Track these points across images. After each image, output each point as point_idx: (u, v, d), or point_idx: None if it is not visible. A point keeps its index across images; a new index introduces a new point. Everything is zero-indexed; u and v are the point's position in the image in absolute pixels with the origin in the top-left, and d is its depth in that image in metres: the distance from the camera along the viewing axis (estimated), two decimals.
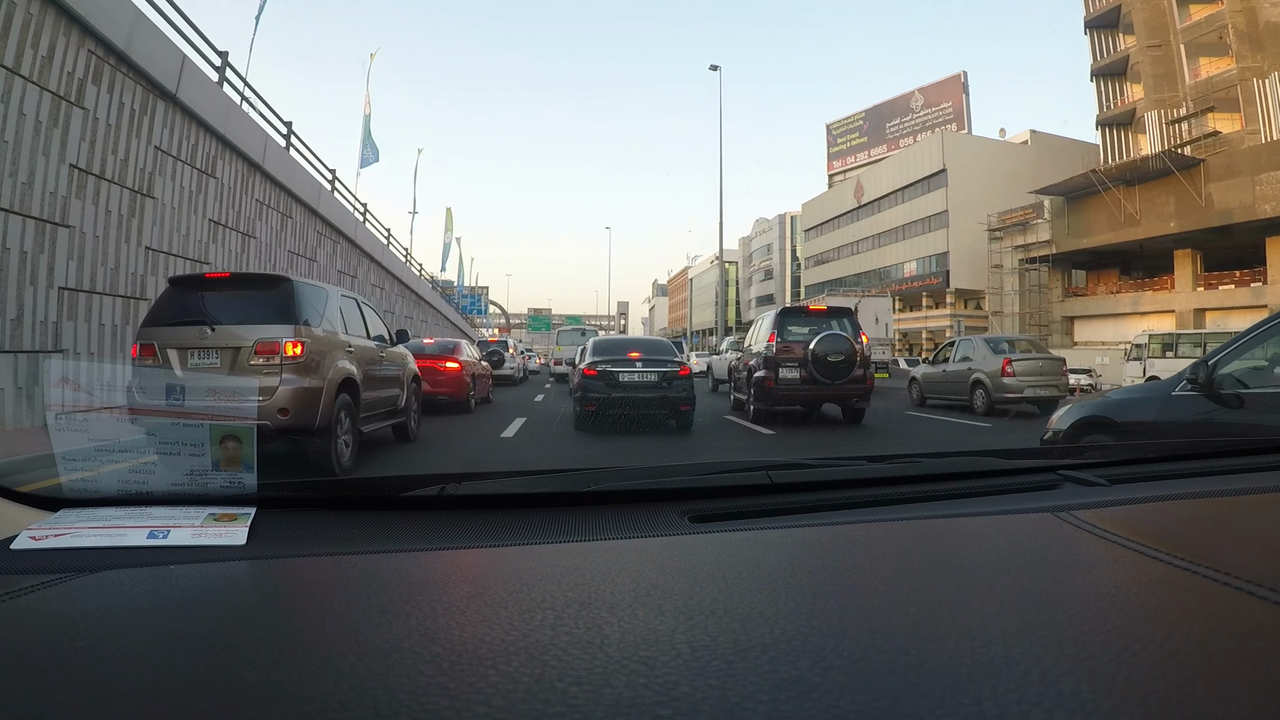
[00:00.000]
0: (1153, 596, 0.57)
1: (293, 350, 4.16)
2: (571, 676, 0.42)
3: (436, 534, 0.81)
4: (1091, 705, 0.38)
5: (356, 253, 16.80)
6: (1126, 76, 31.41)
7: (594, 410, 7.39)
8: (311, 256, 13.51)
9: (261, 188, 11.18)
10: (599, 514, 0.87)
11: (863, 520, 0.87)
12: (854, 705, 0.39)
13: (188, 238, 8.90)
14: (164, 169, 8.44)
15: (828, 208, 50.91)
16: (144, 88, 8.01)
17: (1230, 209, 23.24)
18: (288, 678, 0.43)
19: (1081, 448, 1.32)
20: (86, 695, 0.41)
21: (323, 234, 14.27)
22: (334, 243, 15.06)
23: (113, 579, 0.63)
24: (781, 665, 0.43)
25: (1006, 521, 0.85)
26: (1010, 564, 0.67)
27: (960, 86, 47.14)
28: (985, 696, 0.39)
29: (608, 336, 10.32)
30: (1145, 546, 0.67)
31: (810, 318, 8.71)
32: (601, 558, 0.71)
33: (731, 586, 0.60)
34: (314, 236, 13.72)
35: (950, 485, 1.02)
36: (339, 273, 15.40)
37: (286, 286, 4.40)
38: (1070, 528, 0.76)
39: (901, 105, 51.22)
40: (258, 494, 0.83)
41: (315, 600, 0.61)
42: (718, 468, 1.11)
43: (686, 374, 7.77)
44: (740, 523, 0.86)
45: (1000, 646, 0.46)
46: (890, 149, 49.61)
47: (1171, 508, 0.89)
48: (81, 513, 0.77)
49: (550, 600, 0.56)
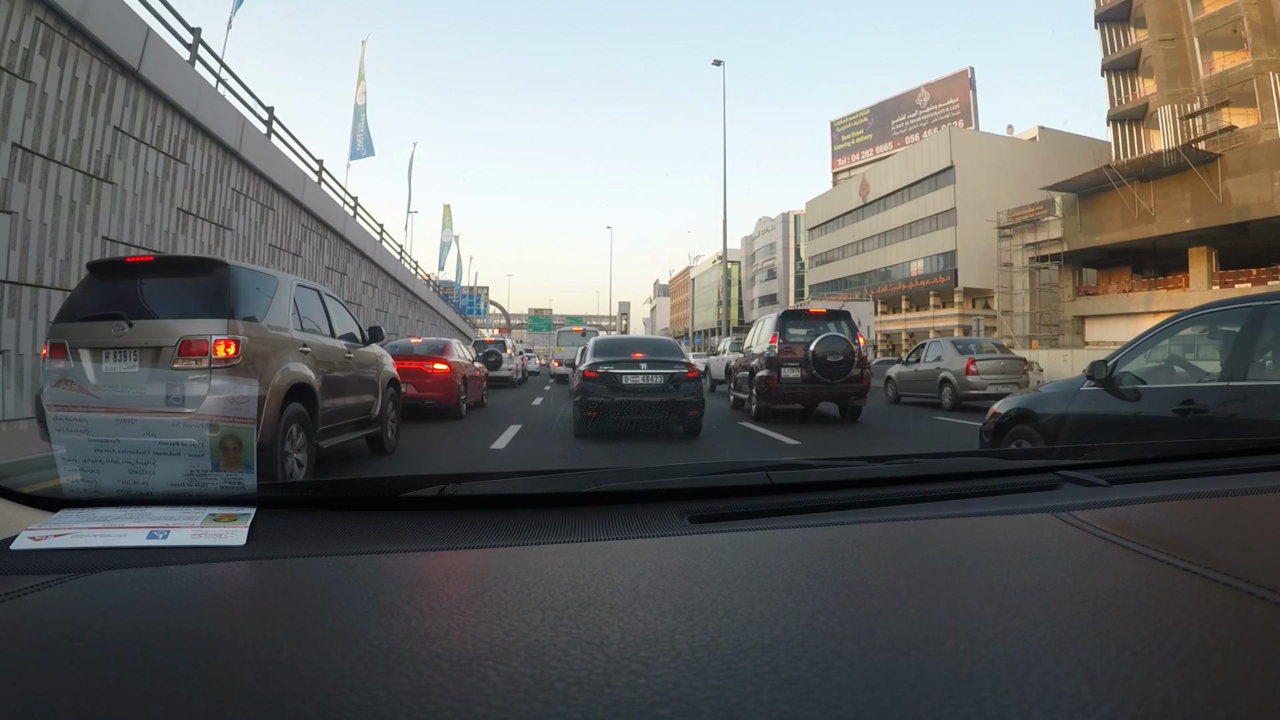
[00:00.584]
0: (1152, 597, 0.57)
1: (224, 350, 3.45)
2: (571, 677, 0.42)
3: (436, 534, 0.80)
4: (1091, 706, 0.38)
5: (346, 248, 16.10)
6: (1138, 71, 30.98)
7: (595, 416, 6.87)
8: (295, 251, 12.81)
9: (239, 176, 10.48)
10: (599, 514, 0.86)
11: (862, 521, 0.86)
12: (854, 706, 0.39)
13: (152, 228, 8.21)
14: (125, 151, 7.74)
15: (832, 206, 49.74)
16: (102, 62, 7.32)
17: (1248, 205, 22.68)
18: (287, 678, 0.43)
19: (1081, 448, 1.31)
20: (86, 695, 0.41)
21: (308, 228, 13.57)
22: (321, 237, 14.36)
23: (112, 579, 0.62)
24: (781, 666, 0.43)
25: (1006, 522, 0.85)
26: (1010, 564, 0.66)
27: (967, 82, 46.01)
28: (985, 697, 0.39)
29: (610, 336, 9.73)
30: (1145, 547, 0.67)
31: (810, 320, 9.22)
32: (601, 558, 0.70)
33: (731, 587, 0.59)
34: (298, 230, 13.02)
35: (950, 485, 1.01)
36: (326, 269, 14.71)
37: (221, 272, 3.68)
38: (1070, 528, 0.75)
39: (907, 102, 50.00)
40: (257, 494, 0.82)
41: (315, 600, 0.60)
42: (717, 468, 1.11)
43: (695, 376, 7.29)
44: (740, 523, 0.85)
45: (1000, 647, 0.46)
46: (896, 146, 48.56)
47: (1171, 508, 0.89)
48: (81, 513, 0.76)
49: (550, 600, 0.55)
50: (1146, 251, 28.04)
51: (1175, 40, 27.17)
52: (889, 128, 51.08)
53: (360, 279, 17.40)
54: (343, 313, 5.21)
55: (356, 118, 18.79)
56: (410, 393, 7.89)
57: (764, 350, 8.96)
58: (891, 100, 51.60)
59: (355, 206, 17.44)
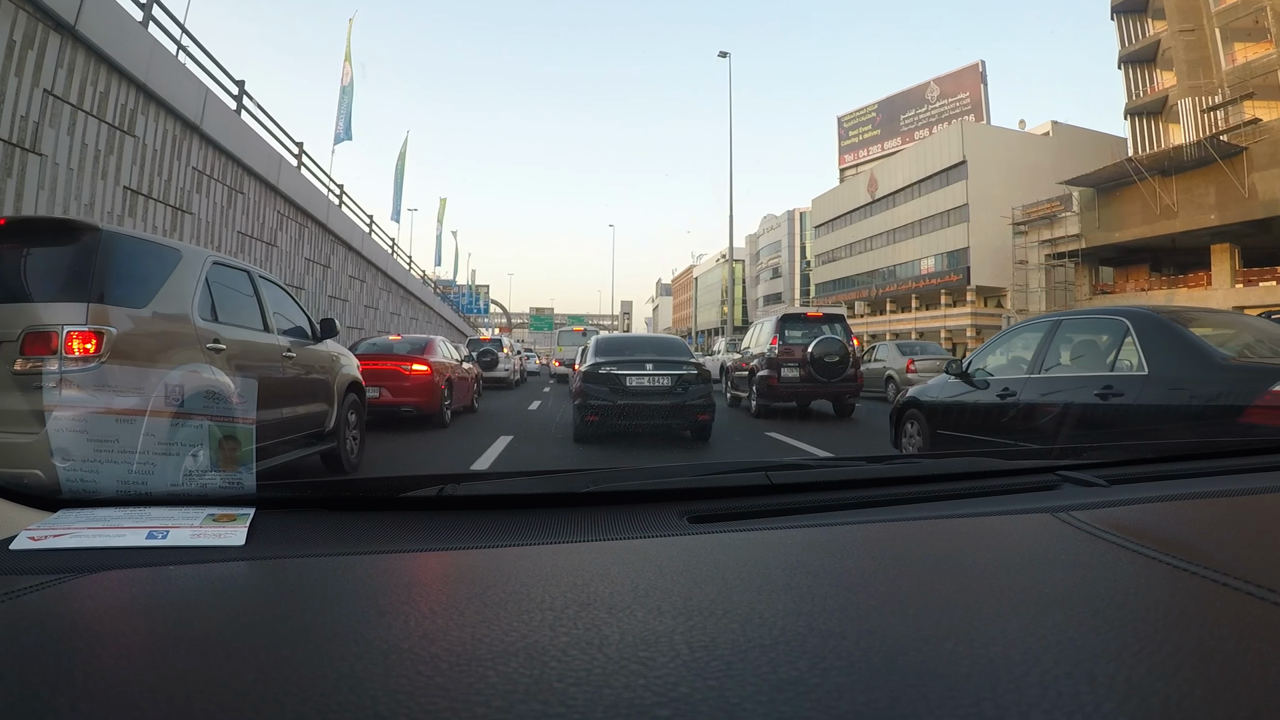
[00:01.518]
0: (1152, 597, 0.57)
1: (82, 345, 2.46)
2: (571, 677, 0.42)
3: (436, 534, 0.80)
4: (1091, 706, 0.38)
5: (330, 239, 15.08)
6: (1156, 63, 30.26)
7: (596, 421, 6.37)
8: (270, 240, 11.78)
9: (201, 154, 9.47)
10: (598, 514, 0.86)
11: (862, 521, 0.86)
12: (853, 706, 0.39)
13: (93, 207, 7.20)
14: (57, 119, 6.74)
15: (840, 203, 48.20)
16: (30, 15, 6.32)
17: (1276, 199, 21.82)
18: (287, 678, 0.42)
19: (1081, 448, 1.25)
20: (86, 695, 0.41)
21: (285, 215, 12.53)
22: (300, 226, 13.33)
23: (112, 579, 0.62)
24: (780, 666, 0.43)
25: (1005, 522, 0.85)
26: (1009, 565, 0.67)
27: (978, 76, 44.68)
28: (985, 697, 0.39)
29: (613, 335, 9.16)
30: (1144, 547, 0.67)
31: (808, 323, 9.74)
32: (600, 558, 0.70)
33: (730, 587, 0.59)
34: (273, 217, 12.00)
35: (949, 486, 1.01)
36: (307, 260, 13.70)
37: (88, 239, 2.65)
38: (1069, 528, 0.75)
39: (916, 96, 48.64)
40: (257, 494, 0.83)
41: (314, 601, 0.60)
42: (717, 468, 1.11)
43: (705, 377, 6.77)
44: (739, 523, 0.84)
45: (999, 647, 0.46)
46: (905, 142, 47.10)
47: (1170, 508, 0.88)
48: (81, 513, 0.76)
49: (549, 601, 0.55)
50: (1165, 249, 27.34)
51: (1195, 31, 26.40)
52: (898, 123, 49.63)
53: (346, 273, 16.38)
54: (285, 300, 4.21)
55: (342, 99, 17.77)
56: (385, 398, 6.90)
57: (764, 351, 9.48)
58: (900, 95, 50.15)
59: (341, 195, 16.42)
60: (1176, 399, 3.06)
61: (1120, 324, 3.48)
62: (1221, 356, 3.08)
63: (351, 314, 16.38)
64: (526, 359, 24.81)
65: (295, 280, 12.80)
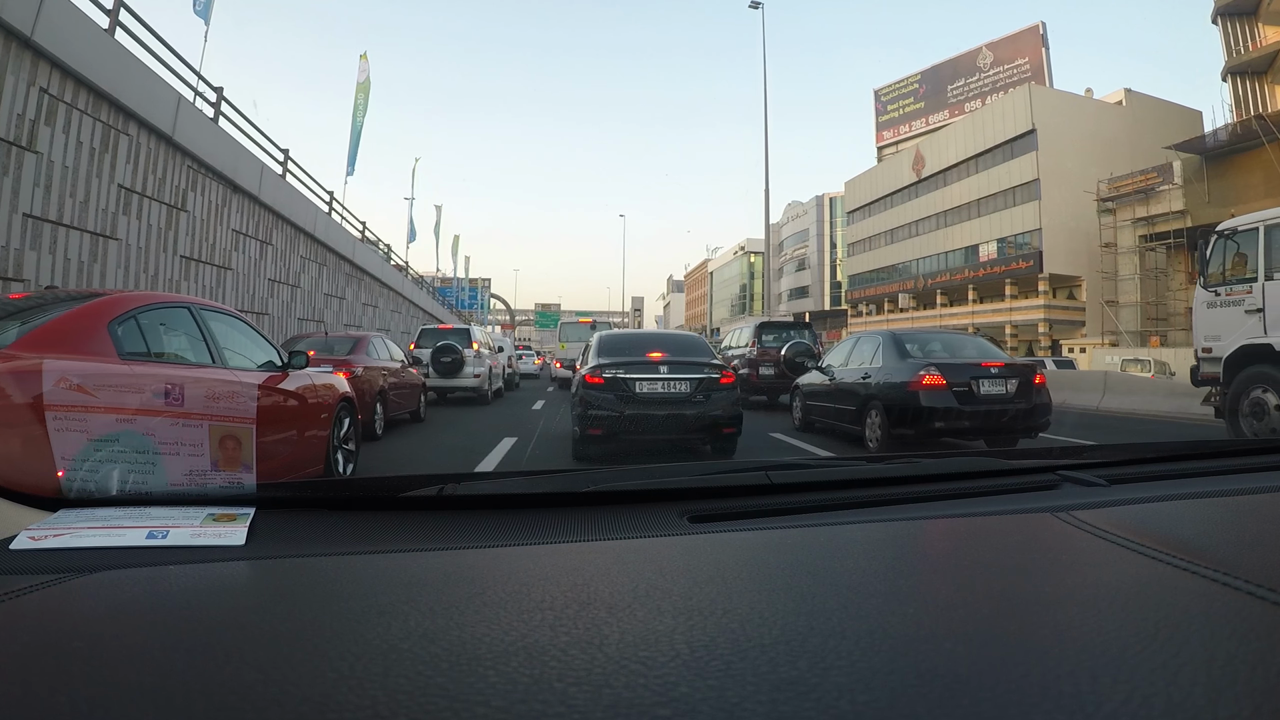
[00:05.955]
0: (1152, 597, 0.56)
1: None
2: (570, 677, 0.42)
3: (436, 534, 0.79)
4: (1092, 706, 0.38)
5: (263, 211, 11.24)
6: (1258, 16, 26.09)
7: (600, 435, 5.44)
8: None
9: None
10: (598, 514, 0.85)
11: (862, 520, 0.86)
12: (853, 706, 0.39)
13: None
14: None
15: (878, 184, 42.94)
16: None
17: None
18: (287, 678, 0.43)
19: (1081, 448, 1.28)
20: (86, 695, 0.41)
21: (195, 170, 8.79)
22: (227, 191, 9.61)
23: (112, 579, 0.62)
24: (781, 666, 0.43)
25: (1006, 522, 0.84)
26: (1009, 564, 0.67)
27: (1039, 39, 38.75)
28: (985, 697, 0.39)
29: (620, 331, 7.79)
30: (1144, 547, 0.66)
31: (780, 329, 12.54)
32: (600, 558, 0.70)
33: (731, 587, 0.59)
34: (184, 175, 8.25)
35: (949, 485, 1.01)
36: (234, 232, 9.89)
37: None
38: (1070, 528, 0.75)
39: (966, 64, 42.86)
40: (257, 494, 0.83)
41: (314, 600, 0.60)
42: (717, 468, 1.13)
43: (730, 381, 5.74)
44: (739, 523, 0.84)
45: (999, 647, 0.47)
46: (953, 114, 41.82)
47: (1171, 508, 0.87)
48: (81, 513, 0.76)
49: (549, 601, 0.55)
50: None
51: None
52: (945, 94, 43.89)
53: (299, 253, 12.62)
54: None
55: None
56: None
57: (744, 353, 11.96)
58: (947, 63, 44.28)
59: (286, 160, 12.71)
60: (886, 377, 6.31)
61: (878, 337, 6.91)
62: (912, 356, 6.30)
63: (303, 301, 12.71)
64: (519, 358, 20.51)
65: None
